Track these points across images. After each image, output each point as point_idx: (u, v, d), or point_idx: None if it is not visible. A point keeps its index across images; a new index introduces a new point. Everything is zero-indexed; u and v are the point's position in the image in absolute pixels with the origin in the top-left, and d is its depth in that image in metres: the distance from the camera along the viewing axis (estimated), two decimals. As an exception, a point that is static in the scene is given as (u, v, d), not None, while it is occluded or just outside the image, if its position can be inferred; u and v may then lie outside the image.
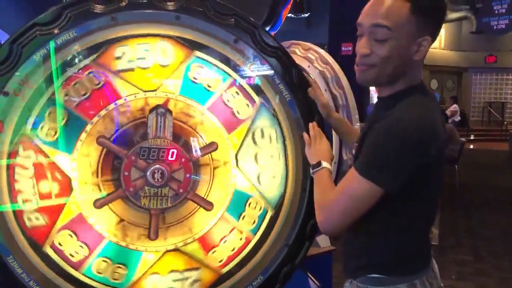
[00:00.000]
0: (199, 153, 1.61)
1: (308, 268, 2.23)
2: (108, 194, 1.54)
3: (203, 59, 1.58)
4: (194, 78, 1.58)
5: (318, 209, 1.34)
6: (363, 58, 1.27)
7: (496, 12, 12.47)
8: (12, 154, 1.45)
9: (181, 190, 1.59)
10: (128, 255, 1.58)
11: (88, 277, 1.54)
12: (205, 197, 1.62)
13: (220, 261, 1.65)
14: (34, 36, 1.42)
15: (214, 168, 1.63)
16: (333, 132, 1.87)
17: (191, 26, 1.54)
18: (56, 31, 1.43)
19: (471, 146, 13.86)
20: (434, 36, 1.25)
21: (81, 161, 1.51)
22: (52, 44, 1.43)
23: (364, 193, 1.21)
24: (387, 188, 1.20)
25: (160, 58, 1.55)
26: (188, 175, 1.60)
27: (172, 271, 1.62)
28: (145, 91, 1.54)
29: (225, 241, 1.65)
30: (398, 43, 1.22)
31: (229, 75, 1.61)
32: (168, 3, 1.51)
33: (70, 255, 1.53)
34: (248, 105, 1.64)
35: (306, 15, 6.41)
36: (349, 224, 1.26)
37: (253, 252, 1.67)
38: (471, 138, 15.59)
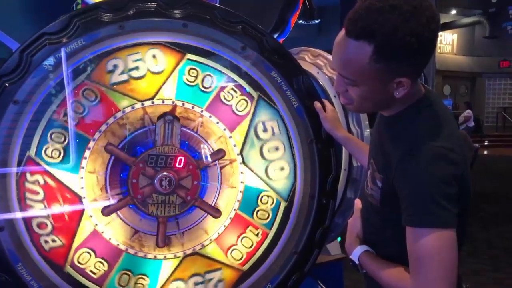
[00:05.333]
0: (209, 159, 1.61)
1: (318, 276, 2.20)
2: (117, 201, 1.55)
3: (197, 62, 1.57)
4: (188, 81, 1.57)
5: None
6: (341, 93, 1.21)
7: (511, 17, 12.33)
8: (21, 162, 1.46)
9: (188, 198, 1.59)
10: (148, 264, 1.59)
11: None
12: (215, 198, 1.62)
13: (240, 259, 1.65)
14: (44, 45, 1.44)
15: (221, 168, 1.62)
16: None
17: (199, 34, 1.55)
18: (64, 40, 1.44)
19: (485, 152, 13.67)
20: (412, 75, 1.11)
21: (88, 178, 1.52)
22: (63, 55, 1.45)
23: (439, 242, 1.03)
24: (451, 225, 1.05)
25: (153, 65, 1.54)
26: (196, 182, 1.59)
27: (193, 275, 1.63)
28: (142, 101, 1.54)
29: (242, 238, 1.65)
30: (368, 88, 1.12)
31: (233, 79, 1.61)
32: (175, 11, 1.52)
33: (91, 272, 1.54)
34: (246, 101, 1.62)
35: (317, 21, 6.38)
36: (455, 283, 1.06)
37: (271, 248, 1.67)
38: (485, 144, 15.40)
